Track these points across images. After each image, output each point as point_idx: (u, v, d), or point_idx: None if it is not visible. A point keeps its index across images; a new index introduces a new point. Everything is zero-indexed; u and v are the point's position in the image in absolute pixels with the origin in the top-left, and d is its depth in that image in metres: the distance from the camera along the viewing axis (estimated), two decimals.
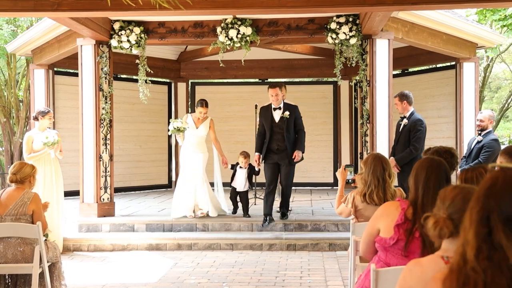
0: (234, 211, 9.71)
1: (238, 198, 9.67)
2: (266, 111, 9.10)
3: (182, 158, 9.73)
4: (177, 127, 9.31)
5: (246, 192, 9.57)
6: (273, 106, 8.99)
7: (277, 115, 8.96)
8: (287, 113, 8.85)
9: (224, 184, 10.11)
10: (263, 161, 9.13)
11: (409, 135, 8.14)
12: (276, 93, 8.84)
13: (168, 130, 9.53)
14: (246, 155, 9.61)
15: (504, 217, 1.62)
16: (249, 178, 9.57)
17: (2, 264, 5.43)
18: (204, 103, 9.46)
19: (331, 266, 7.70)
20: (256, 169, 9.35)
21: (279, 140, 8.93)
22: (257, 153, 9.11)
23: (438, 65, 12.69)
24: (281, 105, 8.94)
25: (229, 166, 9.65)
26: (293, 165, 9.05)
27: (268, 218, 8.96)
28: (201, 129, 9.51)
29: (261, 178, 10.04)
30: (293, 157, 8.83)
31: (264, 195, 9.13)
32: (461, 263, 1.69)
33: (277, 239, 8.75)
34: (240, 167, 9.58)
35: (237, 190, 9.57)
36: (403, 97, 8.31)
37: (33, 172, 5.76)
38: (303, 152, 8.98)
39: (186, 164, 9.56)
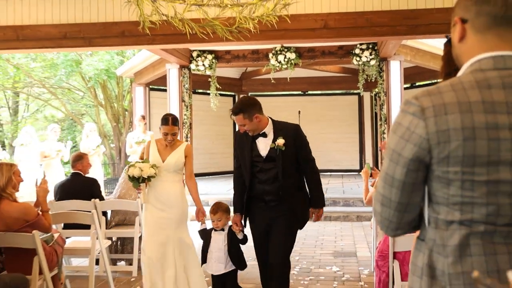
0: None
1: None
2: (242, 139, 3.85)
3: (144, 220, 4.33)
4: (134, 176, 4.08)
5: (231, 275, 4.04)
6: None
7: (263, 146, 3.73)
8: (281, 141, 3.67)
9: None
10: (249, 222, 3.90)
11: None
12: (242, 123, 3.68)
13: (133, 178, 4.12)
14: (217, 209, 4.07)
15: None
16: (234, 250, 4.00)
17: (114, 229, 5.49)
18: (169, 119, 4.21)
19: (358, 233, 7.61)
20: (239, 236, 3.95)
21: (270, 185, 3.70)
22: (236, 214, 3.91)
23: (439, 80, 12.32)
24: (267, 130, 3.73)
25: (203, 226, 4.20)
26: (295, 229, 3.78)
27: None
28: (171, 162, 4.26)
29: None
30: (311, 216, 3.85)
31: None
32: None
33: None
34: (215, 229, 4.06)
35: (213, 274, 4.03)
36: None
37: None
38: (324, 206, 3.88)
39: (149, 232, 4.21)
